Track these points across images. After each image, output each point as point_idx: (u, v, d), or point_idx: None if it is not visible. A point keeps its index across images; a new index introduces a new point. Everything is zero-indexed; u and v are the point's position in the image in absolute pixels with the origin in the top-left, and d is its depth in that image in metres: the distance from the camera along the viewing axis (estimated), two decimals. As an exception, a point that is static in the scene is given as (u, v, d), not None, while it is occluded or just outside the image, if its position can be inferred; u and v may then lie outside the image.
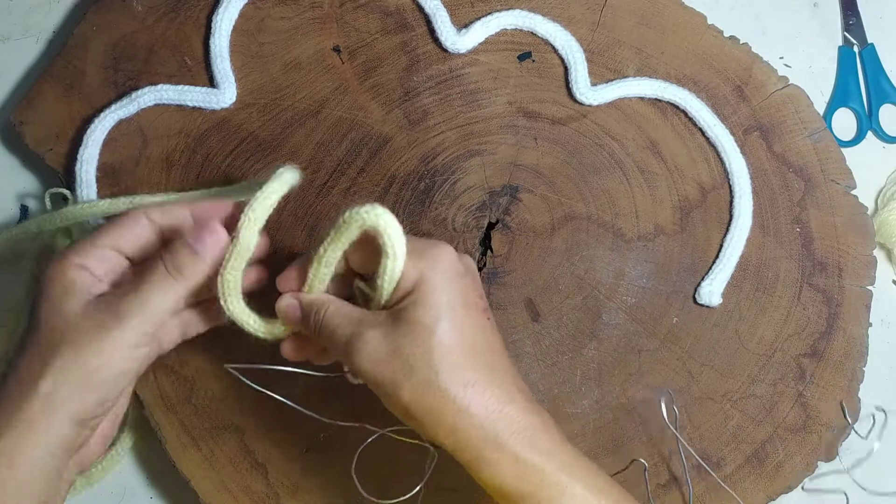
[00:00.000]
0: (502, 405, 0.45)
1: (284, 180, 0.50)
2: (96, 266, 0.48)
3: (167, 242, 0.49)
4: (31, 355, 0.46)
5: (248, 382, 0.53)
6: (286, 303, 0.50)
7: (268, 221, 0.50)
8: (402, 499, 0.54)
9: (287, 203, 0.63)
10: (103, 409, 0.48)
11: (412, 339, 0.45)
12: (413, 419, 0.46)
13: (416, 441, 0.50)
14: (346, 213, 0.47)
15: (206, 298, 0.51)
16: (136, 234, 0.49)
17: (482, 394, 0.45)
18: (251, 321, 0.50)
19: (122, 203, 0.58)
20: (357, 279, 0.50)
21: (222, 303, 0.49)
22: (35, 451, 0.45)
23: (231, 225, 0.49)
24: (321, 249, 0.48)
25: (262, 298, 0.51)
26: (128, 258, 0.50)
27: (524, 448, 0.45)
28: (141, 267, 0.49)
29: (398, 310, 0.47)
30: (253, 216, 0.48)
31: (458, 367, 0.45)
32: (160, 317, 0.48)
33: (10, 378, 0.47)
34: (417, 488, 0.53)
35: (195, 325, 0.52)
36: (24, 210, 0.68)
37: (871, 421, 0.61)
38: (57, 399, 0.45)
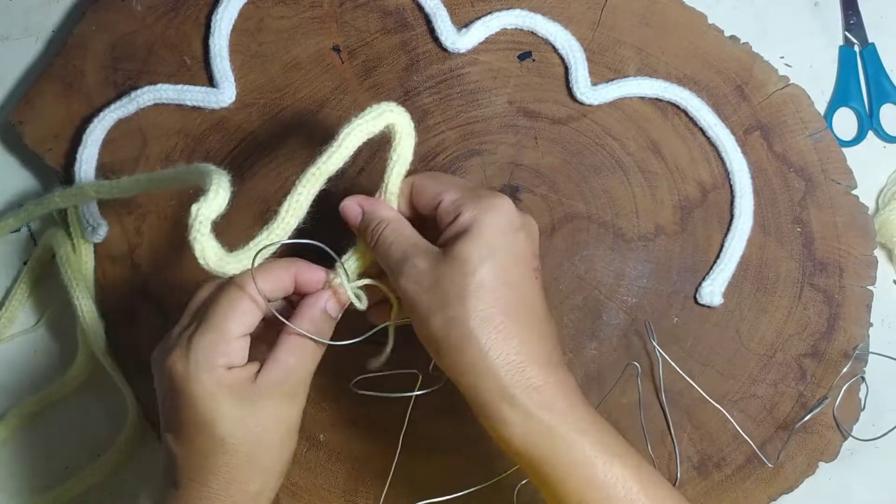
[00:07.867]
0: (523, 361, 0.45)
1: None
2: (238, 359, 0.48)
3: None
4: (221, 463, 0.48)
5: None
6: (352, 206, 0.52)
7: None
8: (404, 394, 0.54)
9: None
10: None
11: (453, 275, 0.46)
12: (438, 351, 0.47)
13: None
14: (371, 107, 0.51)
15: None
16: (256, 315, 0.49)
17: (506, 343, 0.45)
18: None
19: (107, 187, 0.57)
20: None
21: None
22: None
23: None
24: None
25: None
26: None
27: (537, 407, 0.45)
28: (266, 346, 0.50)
29: (450, 245, 0.48)
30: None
31: (490, 312, 0.46)
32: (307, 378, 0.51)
33: (195, 485, 0.48)
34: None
35: None
36: (24, 210, 0.67)
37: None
38: (265, 496, 0.49)
